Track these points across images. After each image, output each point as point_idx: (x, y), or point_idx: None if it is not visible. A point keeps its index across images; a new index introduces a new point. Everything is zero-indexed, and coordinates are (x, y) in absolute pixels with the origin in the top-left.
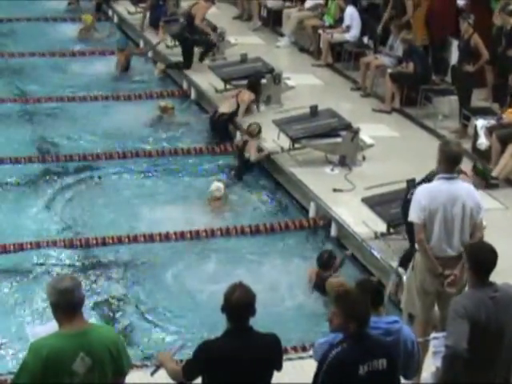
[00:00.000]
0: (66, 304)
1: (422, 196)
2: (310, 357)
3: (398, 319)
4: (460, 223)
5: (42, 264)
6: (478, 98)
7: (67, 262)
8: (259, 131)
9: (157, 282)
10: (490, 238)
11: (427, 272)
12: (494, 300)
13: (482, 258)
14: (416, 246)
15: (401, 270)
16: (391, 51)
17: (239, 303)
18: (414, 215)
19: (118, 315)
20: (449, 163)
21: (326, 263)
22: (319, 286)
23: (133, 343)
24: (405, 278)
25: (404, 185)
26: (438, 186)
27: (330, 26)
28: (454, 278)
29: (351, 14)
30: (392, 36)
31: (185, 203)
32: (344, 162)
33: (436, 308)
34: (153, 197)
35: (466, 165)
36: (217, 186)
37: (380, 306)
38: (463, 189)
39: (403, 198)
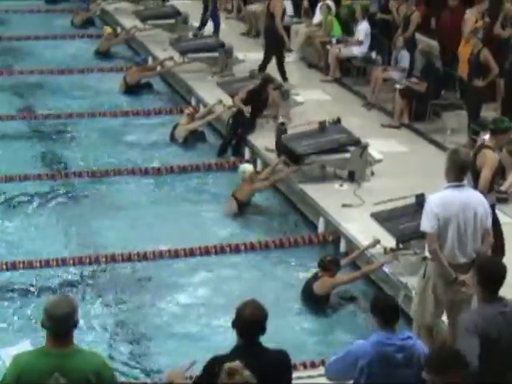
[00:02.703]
0: (56, 330)
1: (434, 205)
2: (320, 375)
3: (412, 335)
4: (472, 230)
5: (50, 281)
6: (487, 112)
7: (76, 278)
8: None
9: (167, 298)
10: None
11: (440, 279)
12: (504, 315)
13: (492, 272)
14: (428, 254)
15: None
16: (397, 64)
17: (250, 320)
18: (426, 225)
19: (126, 331)
20: (458, 171)
21: (325, 265)
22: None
23: (143, 359)
24: (415, 287)
25: (413, 200)
26: (450, 194)
27: (338, 41)
28: (465, 283)
29: (366, 29)
30: (395, 49)
31: (193, 220)
32: (353, 178)
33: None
34: (162, 213)
35: None
36: (243, 167)
37: (396, 323)
38: (473, 196)
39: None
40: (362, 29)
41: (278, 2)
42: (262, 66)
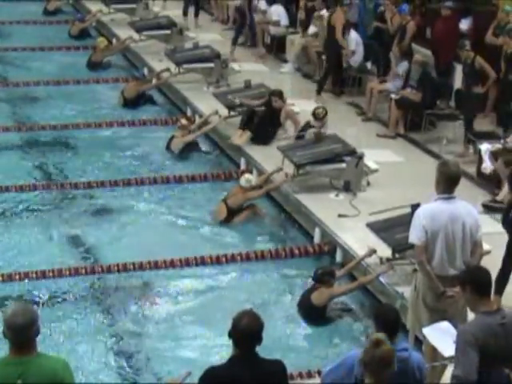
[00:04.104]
0: (15, 340)
1: (422, 217)
2: None
3: (408, 347)
4: (461, 242)
5: (50, 293)
6: (482, 122)
7: (75, 290)
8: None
9: (162, 307)
10: (495, 262)
11: (429, 291)
12: (503, 326)
13: (482, 277)
14: (416, 266)
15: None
16: (394, 75)
17: (246, 330)
18: (414, 236)
19: (122, 341)
20: (447, 183)
21: (319, 278)
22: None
23: (143, 369)
24: (408, 299)
25: (409, 210)
26: (438, 206)
27: None
28: (454, 295)
29: (355, 39)
30: (393, 59)
31: (189, 230)
32: (348, 188)
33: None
34: (158, 223)
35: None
36: (246, 177)
37: (394, 337)
38: (462, 208)
39: None
40: (352, 38)
41: (340, 15)
42: (322, 81)
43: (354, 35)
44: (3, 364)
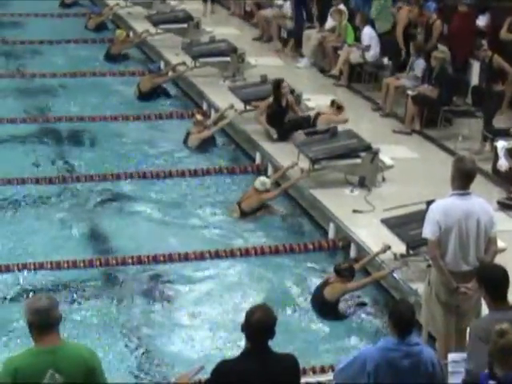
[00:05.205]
0: (40, 323)
1: (436, 212)
2: (329, 381)
3: (419, 341)
4: (475, 238)
5: (63, 284)
6: (499, 120)
7: (86, 281)
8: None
9: (177, 301)
10: (511, 259)
11: (442, 287)
12: None
13: (496, 279)
14: (430, 261)
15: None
16: (412, 72)
17: (259, 324)
18: (427, 231)
19: (138, 335)
20: (463, 179)
21: (340, 272)
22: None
23: (152, 363)
24: (422, 294)
25: (424, 206)
26: (452, 202)
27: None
28: (467, 292)
29: (369, 33)
30: (412, 56)
31: (204, 224)
32: (363, 183)
33: None
34: (172, 217)
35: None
36: (262, 180)
37: (408, 334)
38: (477, 204)
39: None
40: (365, 33)
41: (405, 12)
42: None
43: (368, 30)
44: (32, 354)
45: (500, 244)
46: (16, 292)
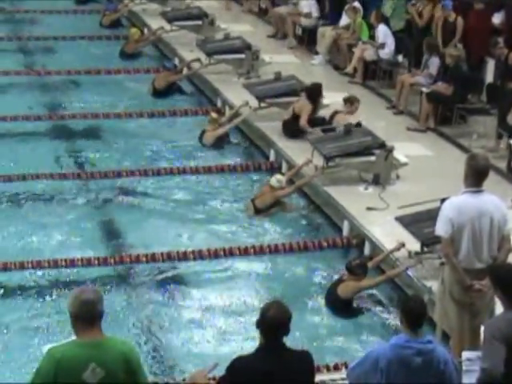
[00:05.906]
0: (85, 315)
1: (449, 210)
2: (343, 379)
3: (432, 339)
4: (488, 236)
5: (79, 281)
6: None
7: (99, 278)
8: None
9: (190, 298)
10: None
11: (456, 284)
12: None
13: (509, 279)
14: (443, 259)
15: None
16: (426, 70)
17: (274, 320)
18: (440, 229)
19: (150, 331)
20: (476, 177)
21: (352, 269)
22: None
23: (166, 360)
24: (436, 292)
25: (438, 204)
26: (465, 199)
27: (364, 44)
28: (481, 289)
29: (384, 31)
30: (425, 54)
31: (218, 221)
32: (378, 181)
33: None
34: (186, 214)
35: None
36: (277, 177)
37: (419, 329)
38: (490, 202)
39: None
40: (380, 31)
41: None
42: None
43: (382, 28)
44: (74, 346)
45: None
46: (30, 289)
